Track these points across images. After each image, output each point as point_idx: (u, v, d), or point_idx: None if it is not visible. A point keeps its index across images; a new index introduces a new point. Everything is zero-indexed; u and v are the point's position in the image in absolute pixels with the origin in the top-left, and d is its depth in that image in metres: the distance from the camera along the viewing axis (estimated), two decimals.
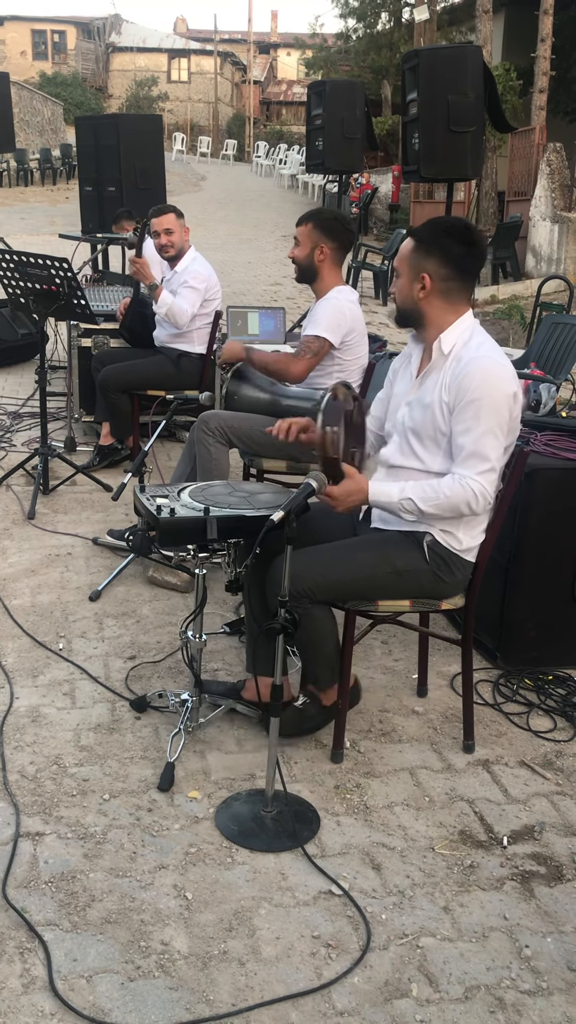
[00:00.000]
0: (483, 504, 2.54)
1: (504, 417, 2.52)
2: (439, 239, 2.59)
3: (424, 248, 2.61)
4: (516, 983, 2.04)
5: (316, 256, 3.63)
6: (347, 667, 2.74)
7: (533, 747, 2.93)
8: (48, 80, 38.86)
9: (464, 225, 2.63)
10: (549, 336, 5.52)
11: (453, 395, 2.54)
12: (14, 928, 2.11)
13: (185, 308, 4.82)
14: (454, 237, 2.58)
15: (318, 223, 3.62)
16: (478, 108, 5.93)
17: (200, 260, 4.99)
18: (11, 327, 7.53)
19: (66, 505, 4.70)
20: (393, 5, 24.75)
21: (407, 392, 2.73)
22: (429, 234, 2.62)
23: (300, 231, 3.65)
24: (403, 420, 2.70)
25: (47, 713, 2.95)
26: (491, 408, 2.49)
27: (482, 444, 2.50)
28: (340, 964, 2.07)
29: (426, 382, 2.65)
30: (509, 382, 2.53)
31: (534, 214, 13.00)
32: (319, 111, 8.20)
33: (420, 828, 2.52)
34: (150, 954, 2.06)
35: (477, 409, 2.49)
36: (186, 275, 4.90)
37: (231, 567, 2.75)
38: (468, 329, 2.63)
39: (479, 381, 2.50)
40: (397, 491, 2.57)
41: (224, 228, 17.95)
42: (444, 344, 2.61)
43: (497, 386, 2.51)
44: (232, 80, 48.14)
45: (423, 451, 2.64)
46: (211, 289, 4.93)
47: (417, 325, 2.70)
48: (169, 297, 4.82)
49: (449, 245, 2.58)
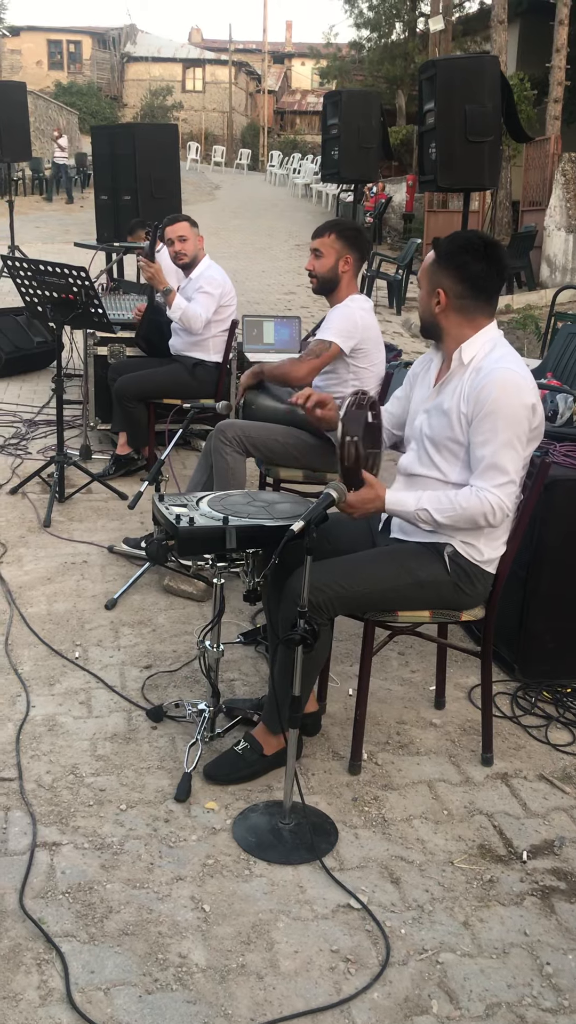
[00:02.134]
0: (500, 517, 2.52)
1: (523, 429, 2.51)
2: (457, 255, 2.56)
3: (443, 263, 2.59)
4: (538, 1001, 2.02)
5: (340, 267, 3.62)
6: (365, 678, 2.72)
7: (552, 760, 2.90)
8: (63, 90, 39.11)
9: (485, 243, 2.58)
10: (566, 346, 5.50)
11: (471, 406, 2.52)
12: (31, 939, 2.10)
13: (199, 312, 4.83)
14: (473, 254, 2.55)
15: (341, 234, 3.61)
16: (495, 118, 5.93)
17: (215, 267, 5.00)
18: (27, 335, 7.56)
19: (82, 513, 4.70)
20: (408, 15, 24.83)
21: (425, 399, 2.72)
22: (449, 249, 2.58)
23: (322, 242, 3.63)
24: (421, 427, 2.68)
25: (63, 722, 2.94)
26: (510, 420, 2.48)
27: (500, 457, 2.48)
28: (359, 979, 2.05)
29: (444, 390, 2.63)
30: (528, 393, 2.50)
31: (549, 224, 12.99)
32: (335, 121, 8.22)
33: (439, 842, 2.50)
34: (168, 967, 2.05)
35: (495, 421, 2.47)
36: (201, 281, 4.91)
37: (249, 577, 2.74)
38: (490, 341, 2.61)
39: (498, 393, 2.48)
40: (413, 501, 2.56)
41: (238, 237, 18.00)
42: (464, 354, 2.60)
43: (516, 397, 2.48)
44: (246, 90, 48.34)
45: (441, 460, 2.62)
46: (226, 295, 4.94)
47: (437, 337, 2.70)
48: (183, 302, 4.83)
49: (467, 262, 2.55)
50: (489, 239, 2.63)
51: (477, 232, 2.69)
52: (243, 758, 2.70)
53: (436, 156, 5.97)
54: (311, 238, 3.72)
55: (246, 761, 2.69)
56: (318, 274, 3.66)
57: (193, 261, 4.99)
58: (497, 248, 2.61)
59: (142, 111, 40.54)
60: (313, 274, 3.68)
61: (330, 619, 2.62)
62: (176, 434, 3.62)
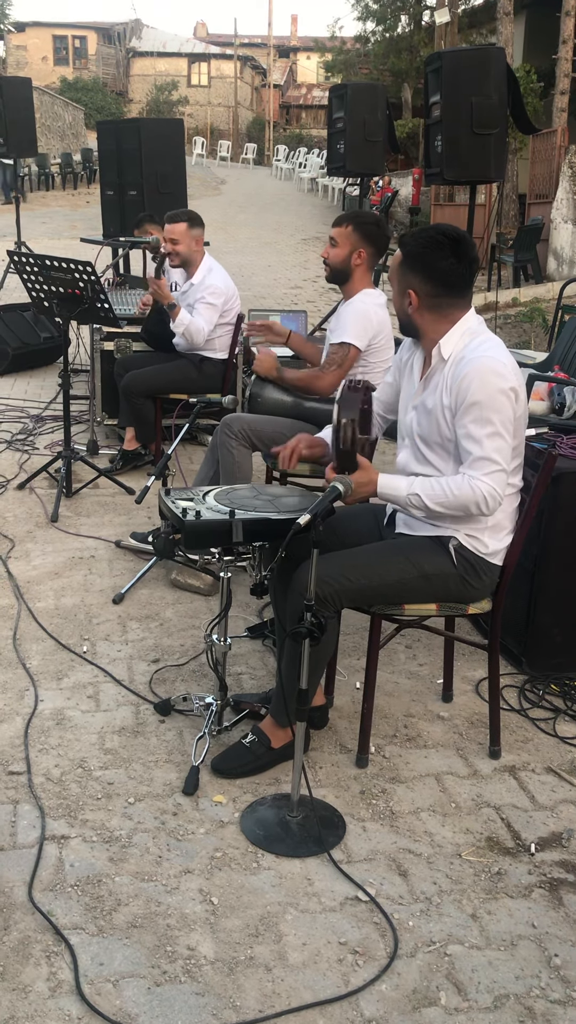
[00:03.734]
0: (493, 505, 2.50)
1: (507, 415, 2.47)
2: (423, 255, 2.52)
3: (408, 263, 2.56)
4: (546, 992, 2.02)
5: (353, 260, 3.61)
6: (372, 671, 2.72)
7: (560, 753, 2.90)
8: (69, 85, 39.07)
9: (451, 237, 2.53)
10: (573, 339, 5.48)
11: (453, 397, 2.51)
12: (40, 931, 2.11)
13: (202, 327, 4.82)
14: (440, 251, 2.51)
15: (358, 226, 3.59)
16: (501, 110, 5.89)
17: (216, 271, 4.95)
18: (34, 331, 7.57)
19: (89, 508, 4.71)
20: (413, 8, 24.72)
21: (412, 395, 2.71)
22: (414, 248, 2.55)
23: (339, 232, 3.62)
24: (411, 425, 2.68)
25: (72, 716, 2.95)
26: (492, 408, 2.45)
27: (488, 446, 2.46)
28: (367, 971, 2.05)
29: (428, 386, 2.63)
30: (508, 378, 2.47)
31: (555, 216, 12.94)
32: (341, 114, 8.18)
33: (447, 834, 2.50)
34: (176, 959, 2.06)
35: (479, 411, 2.45)
36: (203, 290, 4.88)
37: (256, 570, 2.74)
38: (468, 332, 2.58)
39: (478, 383, 2.45)
40: (406, 485, 2.56)
41: (244, 232, 17.97)
42: (443, 350, 2.58)
43: (495, 384, 2.45)
44: (252, 84, 48.24)
45: (435, 458, 2.62)
46: (228, 302, 4.92)
47: (414, 335, 2.68)
48: (186, 317, 4.81)
49: (434, 260, 2.52)
50: (454, 232, 2.56)
51: (441, 226, 2.60)
52: (251, 751, 2.70)
53: (442, 148, 5.94)
54: (331, 226, 3.71)
55: (254, 754, 2.70)
56: (331, 263, 3.66)
57: (186, 263, 4.96)
58: (463, 241, 2.54)
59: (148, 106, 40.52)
60: (327, 262, 3.68)
61: (336, 612, 2.62)
62: (183, 429, 3.62)
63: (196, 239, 4.94)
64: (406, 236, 2.61)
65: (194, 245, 4.93)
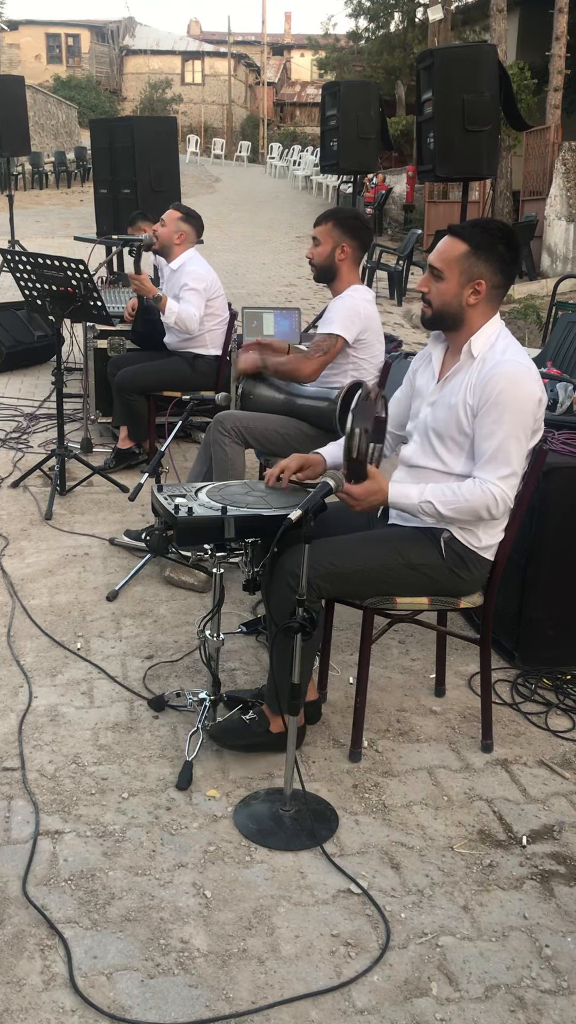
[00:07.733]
0: (503, 509, 2.53)
1: (528, 422, 2.51)
2: (495, 246, 2.54)
3: (481, 254, 2.55)
4: (536, 982, 2.04)
5: (337, 255, 3.63)
6: (365, 666, 2.74)
7: (552, 747, 2.92)
8: (62, 83, 39.02)
9: (512, 231, 2.60)
10: (566, 335, 5.50)
11: (477, 397, 2.52)
12: (35, 925, 2.12)
13: (193, 312, 4.83)
14: (506, 244, 2.55)
15: (339, 222, 3.62)
16: (493, 107, 5.91)
17: (196, 260, 4.98)
18: (27, 329, 7.57)
19: (83, 506, 4.72)
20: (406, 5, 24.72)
21: (429, 393, 2.72)
22: (485, 240, 2.55)
23: (320, 230, 3.64)
24: (425, 420, 2.69)
25: (65, 712, 2.96)
26: (515, 412, 2.48)
27: (504, 449, 2.49)
28: (359, 963, 2.07)
29: (451, 383, 2.63)
30: (534, 386, 2.51)
31: (549, 213, 12.96)
32: (333, 112, 8.20)
33: (439, 827, 2.51)
34: (170, 952, 2.07)
35: (501, 413, 2.48)
36: (184, 276, 4.90)
37: (248, 566, 2.76)
38: (496, 333, 2.61)
39: (504, 385, 2.48)
40: (417, 493, 2.57)
41: (238, 229, 17.98)
42: (474, 347, 2.59)
43: (522, 389, 2.48)
44: (246, 82, 48.20)
45: (445, 452, 2.63)
46: (211, 287, 4.93)
47: (451, 328, 2.65)
48: (175, 305, 4.82)
49: (503, 253, 2.55)
50: (507, 225, 2.64)
51: (493, 219, 2.67)
52: (250, 728, 2.73)
53: (434, 145, 5.95)
54: (312, 226, 3.73)
55: (252, 732, 2.73)
56: (316, 262, 3.68)
57: (164, 248, 4.99)
58: (516, 234, 2.62)
59: (141, 104, 40.44)
60: (312, 262, 3.69)
61: (320, 598, 2.62)
62: (176, 426, 3.63)
63: (181, 232, 4.97)
64: (462, 226, 2.59)
65: (176, 238, 4.97)
